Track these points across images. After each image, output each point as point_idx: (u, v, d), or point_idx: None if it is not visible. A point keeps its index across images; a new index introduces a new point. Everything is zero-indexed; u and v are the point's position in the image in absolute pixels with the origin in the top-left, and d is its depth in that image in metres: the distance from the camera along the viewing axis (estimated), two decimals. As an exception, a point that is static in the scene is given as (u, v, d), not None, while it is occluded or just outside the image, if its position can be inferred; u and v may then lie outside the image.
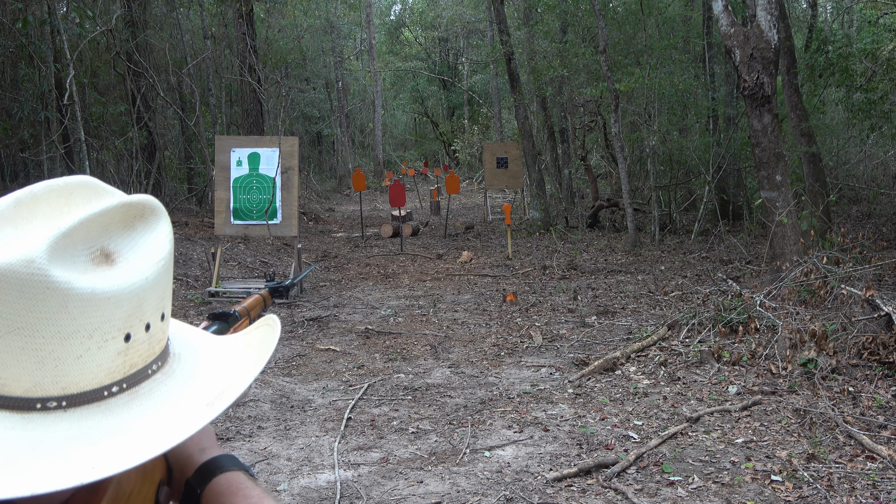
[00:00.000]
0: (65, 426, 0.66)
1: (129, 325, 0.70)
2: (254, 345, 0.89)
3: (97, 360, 0.68)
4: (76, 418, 0.67)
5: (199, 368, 0.81)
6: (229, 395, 0.77)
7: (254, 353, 0.87)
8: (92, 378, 0.68)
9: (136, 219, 0.74)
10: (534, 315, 7.56)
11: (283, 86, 14.19)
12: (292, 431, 4.62)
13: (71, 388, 0.67)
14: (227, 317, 1.22)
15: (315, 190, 21.85)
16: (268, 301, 1.46)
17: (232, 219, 9.17)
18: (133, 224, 0.74)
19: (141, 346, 0.72)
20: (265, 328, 0.92)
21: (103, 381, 0.69)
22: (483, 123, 30.49)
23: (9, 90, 11.10)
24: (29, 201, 0.70)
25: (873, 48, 11.07)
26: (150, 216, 0.75)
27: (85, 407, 0.68)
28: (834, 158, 13.57)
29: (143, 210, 0.75)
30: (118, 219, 0.72)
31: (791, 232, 7.31)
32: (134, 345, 0.71)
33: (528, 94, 15.93)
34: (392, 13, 38.37)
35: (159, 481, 0.83)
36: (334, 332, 7.15)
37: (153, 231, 0.75)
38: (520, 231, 14.00)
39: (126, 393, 0.71)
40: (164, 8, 15.19)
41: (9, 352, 0.64)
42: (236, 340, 0.92)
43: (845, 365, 4.94)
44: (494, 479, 3.86)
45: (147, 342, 0.73)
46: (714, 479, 3.75)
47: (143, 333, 0.72)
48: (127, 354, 0.71)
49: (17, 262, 0.64)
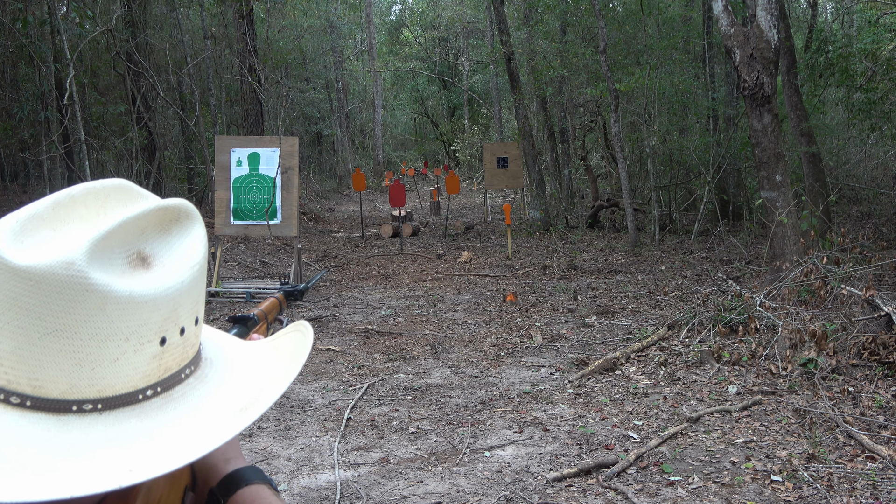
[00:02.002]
0: (100, 429, 0.66)
1: (165, 328, 0.70)
2: (284, 350, 0.89)
3: (133, 364, 0.68)
4: (111, 421, 0.67)
5: (230, 374, 0.81)
6: (263, 401, 0.76)
7: (285, 359, 0.87)
8: (128, 381, 0.68)
9: (172, 223, 0.74)
10: (534, 315, 7.56)
11: (283, 86, 14.20)
12: (292, 431, 4.62)
13: (107, 390, 0.67)
14: (246, 320, 1.23)
15: (315, 190, 21.85)
16: (283, 304, 1.46)
17: (232, 219, 9.17)
18: (169, 228, 0.74)
19: (176, 350, 0.73)
20: (296, 334, 0.91)
21: (138, 385, 0.69)
22: (483, 123, 30.49)
23: (9, 90, 11.10)
24: (67, 203, 0.70)
25: (873, 48, 11.06)
26: (185, 220, 0.75)
27: (120, 410, 0.68)
28: (834, 158, 13.56)
29: (179, 214, 0.75)
30: (154, 222, 0.72)
31: (791, 232, 7.31)
32: (169, 348, 0.71)
33: (528, 94, 15.93)
34: (392, 13, 38.39)
35: (185, 487, 0.82)
36: (334, 332, 7.15)
37: (188, 235, 0.75)
38: (520, 231, 14.00)
39: (160, 397, 0.71)
40: (164, 8, 15.19)
41: (47, 353, 0.64)
42: (265, 346, 0.92)
43: (845, 365, 4.94)
44: (494, 479, 3.86)
45: (181, 346, 0.73)
46: (714, 479, 3.75)
47: (178, 337, 0.72)
48: (162, 358, 0.71)
49: (56, 263, 0.64)
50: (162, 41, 13.98)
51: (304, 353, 0.86)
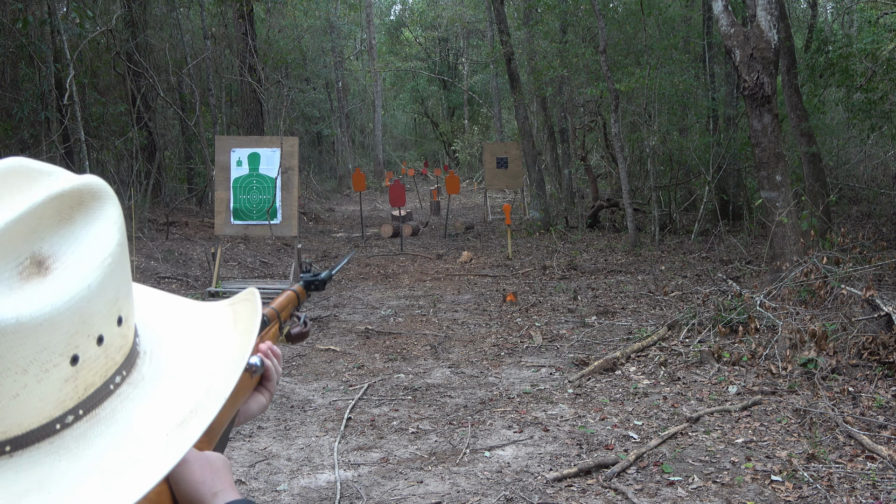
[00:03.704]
0: (11, 477, 0.56)
1: (73, 345, 0.58)
2: (240, 324, 0.76)
3: (39, 395, 0.57)
4: (24, 465, 0.57)
5: (174, 366, 0.68)
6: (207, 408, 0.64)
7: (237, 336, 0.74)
8: (37, 414, 0.57)
9: (75, 209, 0.60)
10: (534, 315, 7.56)
11: (284, 86, 14.19)
12: (292, 431, 4.62)
13: (13, 429, 0.56)
14: None
15: (315, 190, 21.85)
16: (302, 298, 1.25)
17: (232, 219, 9.17)
18: (71, 216, 0.60)
19: (95, 364, 0.61)
20: (244, 303, 0.79)
21: (53, 414, 0.58)
22: (483, 123, 30.47)
23: (9, 90, 11.10)
24: None
25: (873, 48, 11.06)
26: (91, 203, 0.62)
27: (35, 447, 0.58)
28: (834, 158, 13.56)
29: (83, 197, 0.61)
30: (51, 213, 0.59)
31: (791, 232, 7.31)
32: (85, 364, 0.60)
33: (528, 94, 15.93)
34: (392, 13, 38.37)
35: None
36: (334, 332, 7.15)
37: (97, 221, 0.62)
38: (520, 231, 14.00)
39: (83, 420, 0.60)
40: (164, 8, 15.19)
41: None
42: (223, 311, 0.79)
43: (845, 365, 4.94)
44: (494, 479, 3.86)
45: (103, 356, 0.62)
46: (714, 479, 3.75)
47: (95, 349, 0.61)
48: (77, 378, 0.59)
49: None
50: (162, 41, 13.98)
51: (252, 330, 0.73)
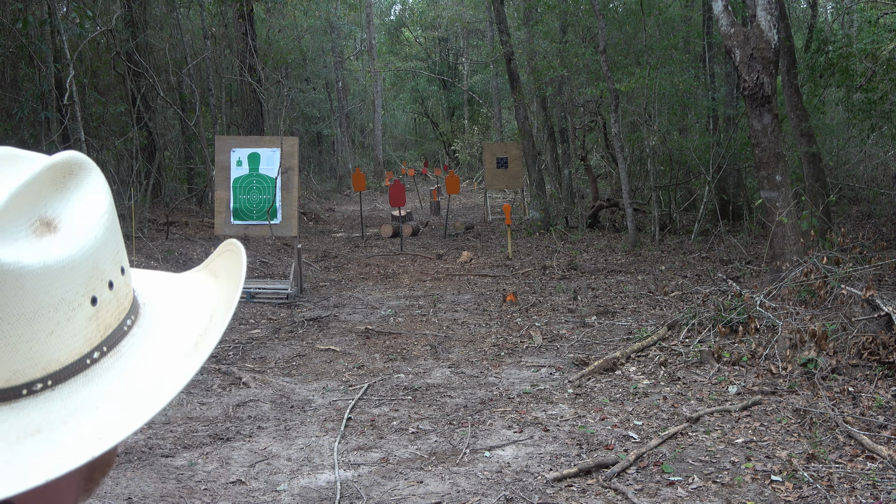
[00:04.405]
0: (58, 405, 0.65)
1: (91, 287, 0.68)
2: (222, 274, 0.86)
3: (70, 331, 0.66)
4: (66, 394, 0.66)
5: (173, 311, 0.79)
6: (213, 332, 0.75)
7: (223, 282, 0.84)
8: (70, 350, 0.67)
9: (67, 178, 0.71)
10: (534, 315, 7.56)
11: (284, 86, 14.19)
12: (292, 431, 4.62)
13: (52, 365, 0.65)
14: None
15: (315, 190, 21.85)
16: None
17: (232, 219, 9.17)
18: (65, 184, 0.70)
19: (110, 306, 0.71)
20: (228, 254, 0.88)
21: (83, 350, 0.68)
22: (483, 123, 30.47)
23: (9, 90, 11.10)
24: None
25: (873, 48, 11.06)
26: (79, 172, 0.72)
27: (72, 380, 0.67)
28: (834, 158, 13.56)
29: (72, 167, 0.71)
30: (48, 183, 0.69)
31: (791, 232, 7.31)
32: (102, 306, 0.70)
33: (528, 94, 15.93)
34: (392, 13, 38.39)
35: None
36: (334, 332, 7.15)
37: (87, 187, 0.72)
38: (520, 231, 14.00)
39: (108, 356, 0.70)
40: (164, 8, 15.18)
41: None
42: (199, 273, 0.89)
43: (845, 365, 4.94)
44: (494, 479, 3.86)
45: (115, 300, 0.72)
46: (714, 479, 3.75)
47: (109, 292, 0.71)
48: (98, 317, 0.69)
49: None
50: (162, 41, 13.98)
51: (240, 271, 0.83)
